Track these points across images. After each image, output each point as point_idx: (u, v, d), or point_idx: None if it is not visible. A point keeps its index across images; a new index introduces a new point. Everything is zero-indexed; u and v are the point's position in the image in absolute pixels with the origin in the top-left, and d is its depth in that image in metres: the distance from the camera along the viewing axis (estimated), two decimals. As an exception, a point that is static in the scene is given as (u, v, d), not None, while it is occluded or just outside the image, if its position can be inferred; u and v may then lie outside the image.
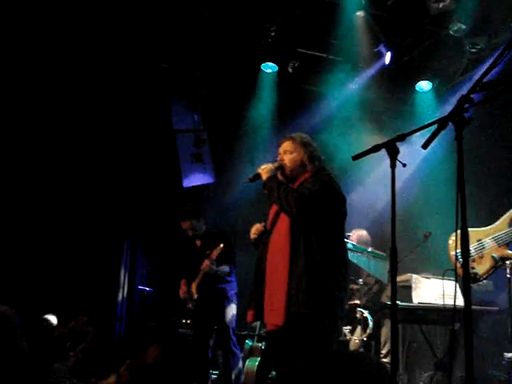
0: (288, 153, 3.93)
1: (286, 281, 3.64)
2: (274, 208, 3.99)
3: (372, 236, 7.03)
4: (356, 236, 6.90)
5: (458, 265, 2.32)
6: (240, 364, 6.01)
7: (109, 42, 7.16)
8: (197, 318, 6.18)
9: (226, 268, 6.01)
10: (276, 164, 3.93)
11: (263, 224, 4.00)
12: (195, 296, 6.04)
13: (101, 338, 3.98)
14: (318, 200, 3.69)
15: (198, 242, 6.26)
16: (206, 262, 5.88)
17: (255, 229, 4.02)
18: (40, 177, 7.56)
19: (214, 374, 6.72)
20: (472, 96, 2.29)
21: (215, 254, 5.87)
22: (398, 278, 5.92)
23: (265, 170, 3.89)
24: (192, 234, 6.21)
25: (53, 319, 5.91)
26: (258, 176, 3.91)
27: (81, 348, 3.72)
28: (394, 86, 8.02)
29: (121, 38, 7.13)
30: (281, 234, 3.79)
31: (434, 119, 2.47)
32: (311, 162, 3.90)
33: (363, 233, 7.01)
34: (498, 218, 4.89)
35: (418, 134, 2.73)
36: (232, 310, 6.02)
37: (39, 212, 7.53)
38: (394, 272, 2.57)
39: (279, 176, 3.92)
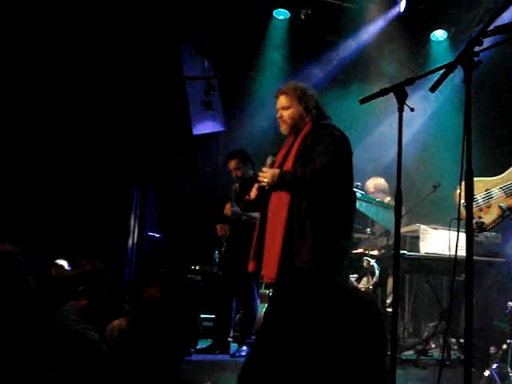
0: (285, 108, 3.91)
1: (282, 234, 3.67)
2: (282, 152, 3.99)
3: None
4: (373, 184, 6.82)
5: (463, 213, 2.30)
6: (257, 318, 5.97)
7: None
8: (225, 266, 6.16)
9: (254, 214, 5.72)
10: (269, 161, 3.90)
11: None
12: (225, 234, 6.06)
13: (112, 282, 4.00)
14: (339, 163, 3.71)
15: (244, 186, 6.10)
16: (227, 206, 5.87)
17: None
18: (54, 124, 7.56)
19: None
20: (482, 39, 2.22)
21: (243, 203, 5.77)
22: (406, 229, 5.93)
23: (269, 177, 3.78)
24: (241, 175, 6.10)
25: (64, 264, 5.99)
26: (265, 188, 3.86)
27: (93, 292, 3.72)
28: (409, 34, 7.85)
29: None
30: None
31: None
32: (309, 112, 3.89)
33: (381, 181, 6.90)
34: (507, 169, 4.84)
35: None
36: None
37: (53, 160, 7.55)
38: (398, 217, 2.56)
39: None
